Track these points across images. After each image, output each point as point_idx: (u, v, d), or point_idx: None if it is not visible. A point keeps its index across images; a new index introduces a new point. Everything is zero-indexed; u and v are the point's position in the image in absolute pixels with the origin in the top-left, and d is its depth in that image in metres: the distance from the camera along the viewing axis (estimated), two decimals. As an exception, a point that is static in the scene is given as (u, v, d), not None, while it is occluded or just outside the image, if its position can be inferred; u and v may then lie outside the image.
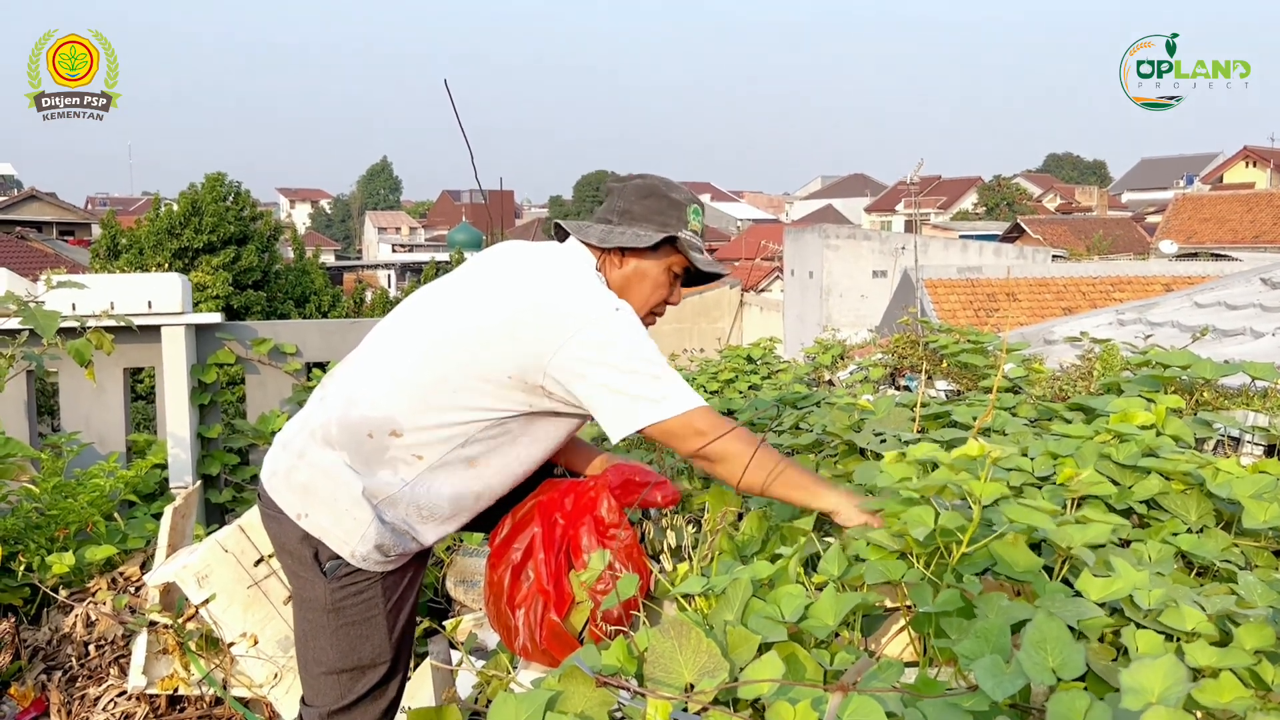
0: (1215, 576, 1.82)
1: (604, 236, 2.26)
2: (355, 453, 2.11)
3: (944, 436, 2.46)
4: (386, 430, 2.10)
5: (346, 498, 2.10)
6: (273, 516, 2.20)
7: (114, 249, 21.39)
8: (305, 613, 2.21)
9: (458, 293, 2.23)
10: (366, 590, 2.17)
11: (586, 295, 2.11)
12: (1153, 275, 16.30)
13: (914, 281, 15.51)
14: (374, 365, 2.21)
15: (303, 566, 2.17)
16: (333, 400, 2.19)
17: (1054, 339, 5.14)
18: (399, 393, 2.11)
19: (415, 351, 2.15)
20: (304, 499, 2.14)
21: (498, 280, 2.20)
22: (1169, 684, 1.18)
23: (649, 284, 2.30)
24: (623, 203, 2.31)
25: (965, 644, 1.38)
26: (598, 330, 2.03)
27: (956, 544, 1.61)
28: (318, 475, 2.12)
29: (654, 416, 1.99)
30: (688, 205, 2.31)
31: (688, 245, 2.28)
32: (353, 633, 2.18)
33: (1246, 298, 5.34)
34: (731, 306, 26.26)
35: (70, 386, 4.67)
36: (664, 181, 2.35)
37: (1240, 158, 51.74)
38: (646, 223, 2.27)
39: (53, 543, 3.57)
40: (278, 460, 2.22)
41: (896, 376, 4.10)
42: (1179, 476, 2.02)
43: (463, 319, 2.14)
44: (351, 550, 2.12)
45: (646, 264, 2.28)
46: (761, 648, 1.48)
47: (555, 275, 2.18)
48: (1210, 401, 2.69)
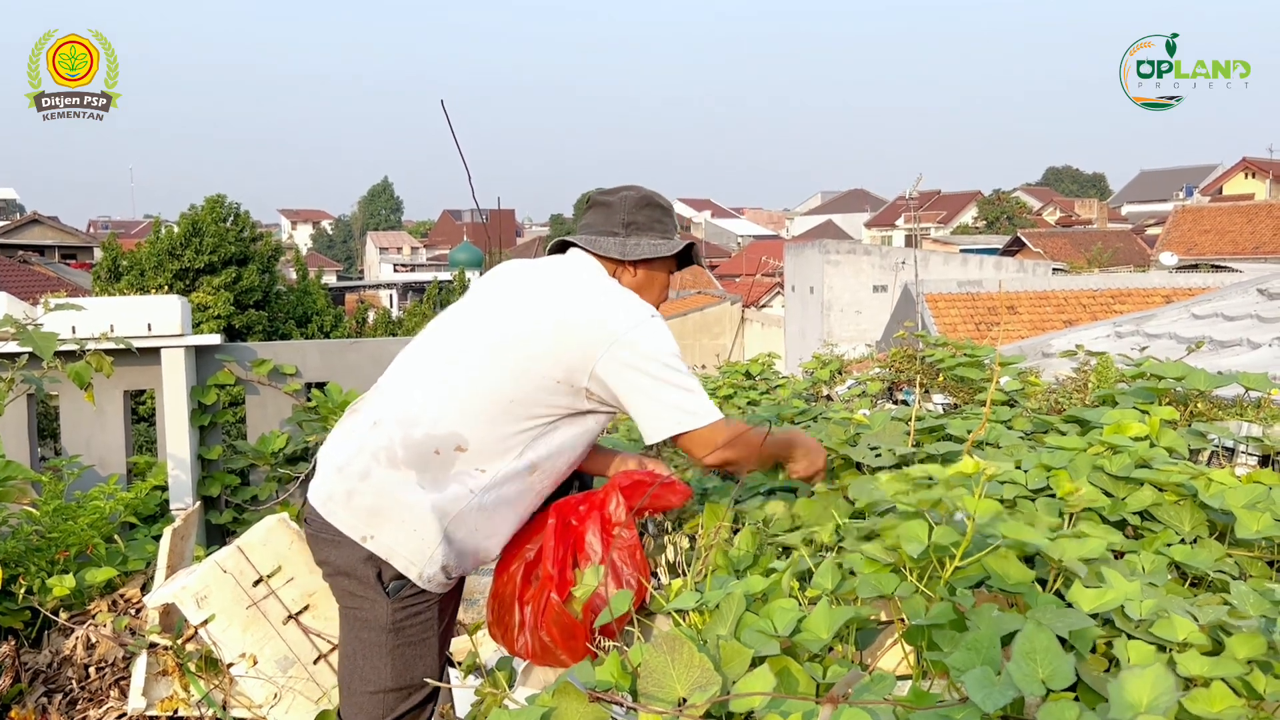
0: (1209, 587, 1.83)
1: (625, 250, 2.39)
2: (423, 471, 2.17)
3: (939, 450, 2.46)
4: (453, 445, 2.18)
5: (415, 518, 2.15)
6: (330, 540, 2.22)
7: (115, 271, 21.43)
8: (360, 632, 2.24)
9: (496, 307, 2.34)
10: (425, 611, 2.23)
11: (625, 302, 2.26)
12: (1153, 287, 16.31)
13: (914, 296, 15.53)
14: (427, 383, 2.27)
15: (364, 587, 2.20)
16: (390, 423, 2.24)
17: (1052, 352, 5.15)
18: (460, 407, 2.20)
19: (469, 365, 2.24)
20: (370, 521, 2.17)
21: (534, 292, 2.33)
22: (1157, 694, 1.19)
23: (657, 288, 2.46)
24: (625, 215, 2.42)
25: (956, 656, 1.38)
26: (638, 336, 2.18)
27: (950, 558, 1.61)
28: (384, 497, 2.17)
29: (686, 425, 2.17)
30: (671, 210, 2.51)
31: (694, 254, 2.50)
32: (409, 653, 2.23)
33: (1244, 309, 5.35)
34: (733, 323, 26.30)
35: (71, 409, 4.68)
36: (651, 192, 2.51)
37: (1239, 169, 51.81)
38: (650, 231, 2.42)
39: (53, 565, 3.57)
40: (333, 484, 2.24)
41: (894, 390, 4.11)
42: (1172, 488, 2.02)
43: (510, 330, 2.25)
44: (420, 572, 2.17)
45: (656, 271, 2.45)
46: (754, 662, 1.48)
47: (589, 284, 2.32)
48: (1205, 413, 2.70)
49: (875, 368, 4.44)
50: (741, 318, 26.54)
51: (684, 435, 2.19)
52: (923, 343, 4.18)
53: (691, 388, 2.20)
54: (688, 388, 2.19)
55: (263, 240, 22.99)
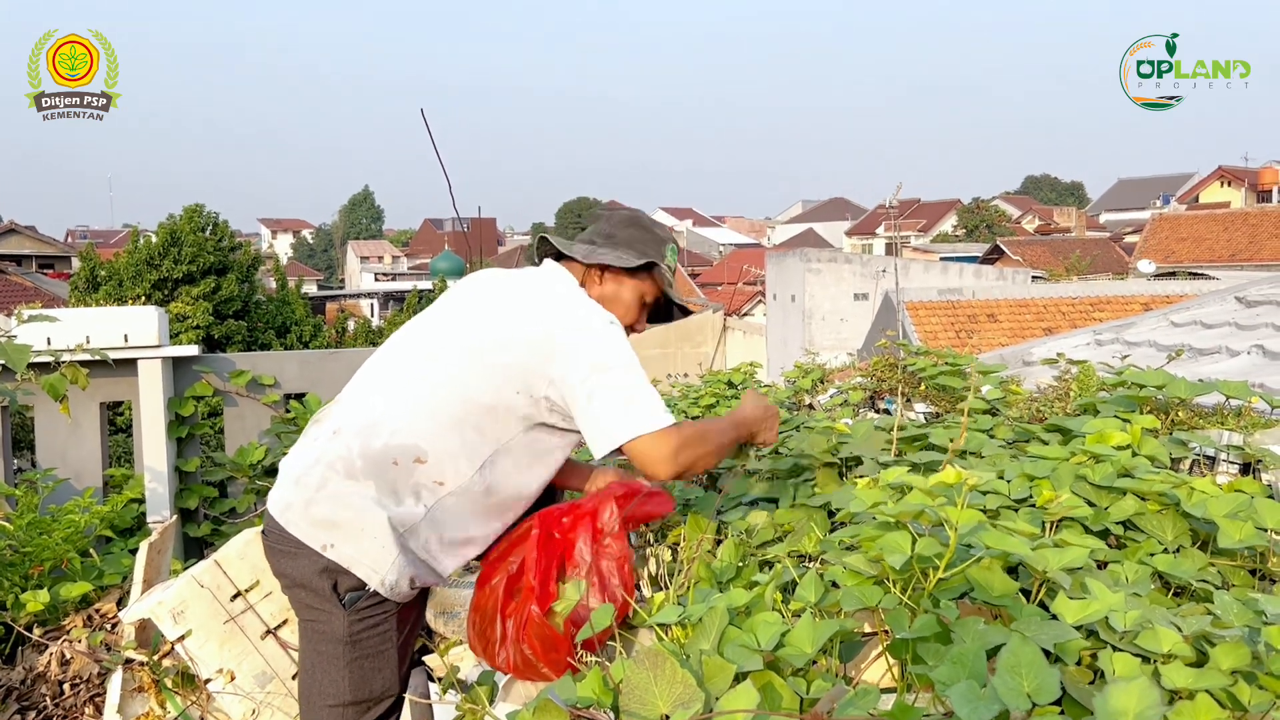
0: (1192, 596, 1.82)
1: (588, 253, 2.40)
2: (381, 481, 2.15)
3: (921, 459, 2.46)
4: (411, 456, 2.16)
5: (375, 527, 2.13)
6: (288, 551, 2.20)
7: (93, 281, 21.30)
8: (318, 645, 2.22)
9: (461, 316, 2.33)
10: (383, 623, 2.20)
11: (584, 307, 2.24)
12: (1132, 295, 16.44)
13: (895, 304, 15.58)
14: (388, 392, 2.26)
15: (320, 599, 2.18)
16: (349, 432, 2.22)
17: (1033, 360, 5.17)
18: (420, 417, 2.18)
19: (430, 374, 2.22)
20: (329, 531, 2.15)
21: (498, 300, 2.33)
22: (1143, 707, 1.18)
23: (621, 306, 2.41)
24: (608, 227, 2.46)
25: (941, 670, 1.37)
26: (591, 340, 2.16)
27: (933, 569, 1.60)
28: (342, 508, 2.14)
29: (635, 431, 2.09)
30: (666, 243, 2.48)
31: (664, 275, 2.45)
32: (366, 665, 2.20)
33: (1222, 316, 5.38)
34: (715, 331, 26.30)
35: (46, 422, 4.62)
36: (647, 216, 2.54)
37: (1215, 177, 52.35)
38: (629, 248, 2.41)
39: (27, 580, 3.52)
40: (291, 494, 2.22)
41: (876, 399, 4.11)
42: (1155, 497, 2.02)
43: (473, 339, 2.24)
44: (382, 579, 2.15)
45: (623, 287, 2.43)
46: (738, 677, 1.47)
47: (553, 291, 2.32)
48: (1185, 421, 2.70)
49: (857, 376, 4.44)
50: (723, 326, 26.53)
51: (635, 444, 2.10)
52: (904, 351, 4.18)
53: (643, 396, 2.13)
54: (639, 396, 2.13)
55: (242, 250, 22.91)
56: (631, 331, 2.43)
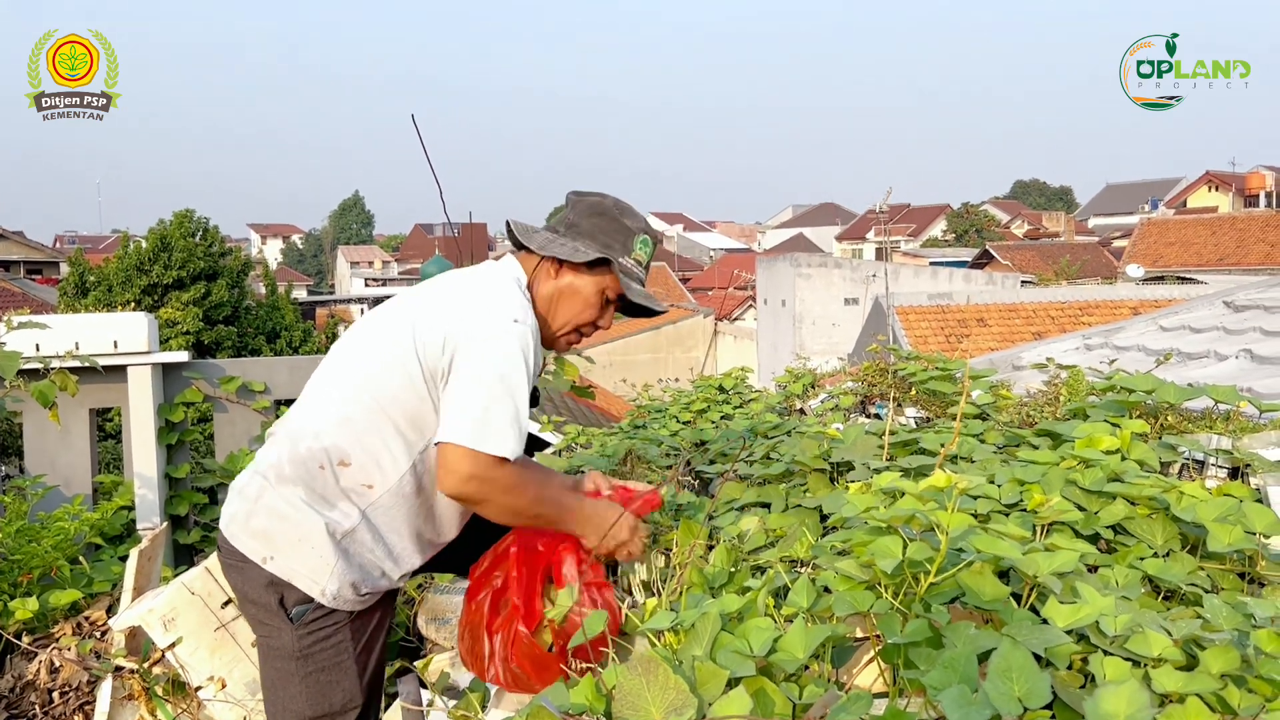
0: (1182, 600, 1.83)
1: (544, 244, 2.27)
2: (310, 487, 2.11)
3: (912, 464, 2.47)
4: (336, 460, 2.10)
5: (311, 535, 2.08)
6: (235, 565, 2.17)
7: (82, 287, 21.21)
8: (273, 661, 2.17)
9: (388, 319, 2.24)
10: (335, 635, 2.14)
11: (493, 310, 2.11)
12: (1120, 299, 16.49)
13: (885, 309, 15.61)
14: (315, 395, 2.22)
15: (268, 614, 2.13)
16: (281, 438, 2.19)
17: (1022, 364, 5.18)
18: (341, 418, 2.13)
19: (353, 378, 2.17)
20: (267, 543, 2.11)
21: (421, 298, 2.24)
22: (1133, 710, 1.19)
23: (579, 301, 2.29)
24: (573, 215, 2.32)
25: (933, 674, 1.37)
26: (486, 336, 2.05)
27: (924, 574, 1.61)
28: (276, 517, 2.10)
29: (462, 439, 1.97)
30: (636, 234, 2.31)
31: (623, 271, 2.27)
32: (323, 679, 2.14)
33: (1210, 321, 5.41)
34: (706, 336, 26.35)
35: (35, 428, 4.61)
36: (620, 205, 2.35)
37: (1203, 182, 52.63)
38: (590, 240, 2.27)
39: (16, 588, 3.50)
40: (234, 506, 2.19)
41: (867, 404, 4.12)
42: (1144, 501, 2.03)
43: (390, 342, 2.15)
44: (322, 589, 2.09)
45: (581, 281, 2.28)
46: (730, 683, 1.47)
47: (473, 285, 2.21)
48: (1174, 425, 2.72)
49: (848, 381, 4.45)
50: (714, 331, 26.59)
51: (445, 447, 1.99)
52: (895, 356, 4.19)
53: (496, 414, 1.99)
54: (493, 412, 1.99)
55: (232, 255, 22.83)
56: (595, 328, 2.35)
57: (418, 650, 3.38)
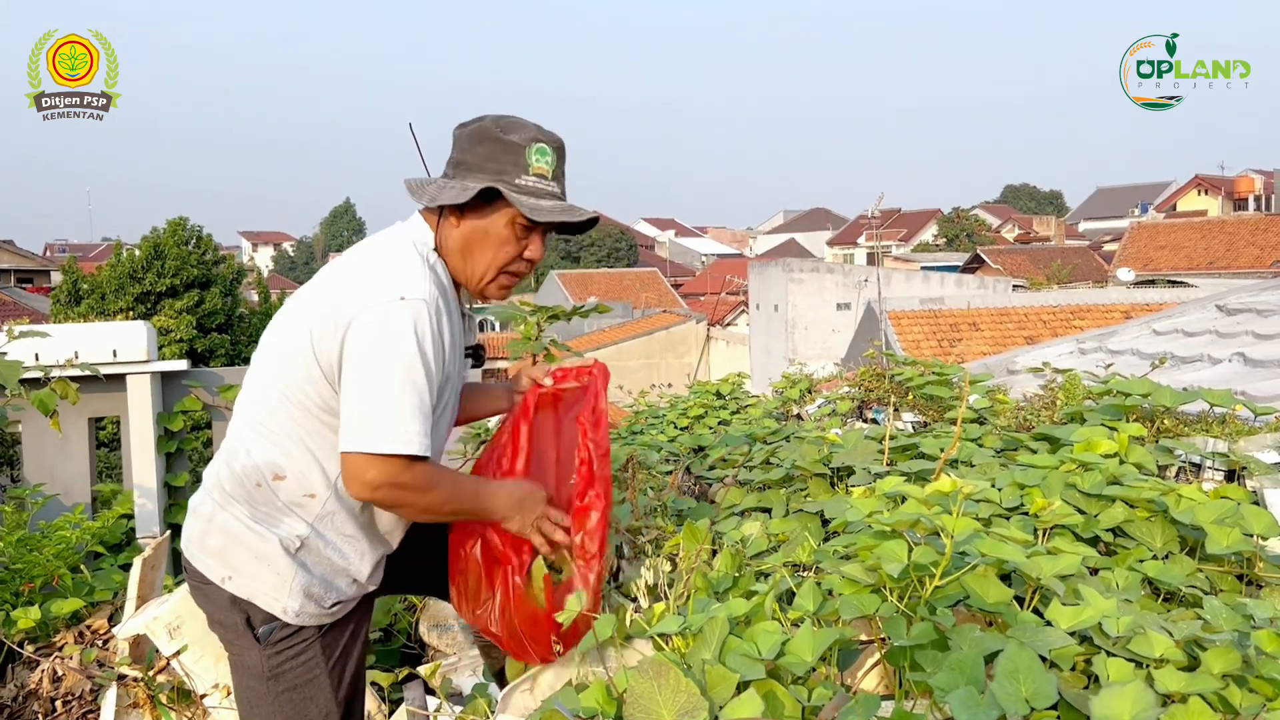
0: (1181, 602, 1.86)
1: (435, 195, 2.03)
2: (253, 505, 2.01)
3: (912, 468, 2.49)
4: (270, 475, 2.00)
5: (266, 553, 2.00)
6: (197, 586, 2.10)
7: (75, 295, 21.18)
8: (244, 680, 2.09)
9: (289, 314, 2.08)
10: (305, 652, 2.05)
11: (375, 280, 1.95)
12: (1112, 303, 16.54)
13: (877, 313, 15.65)
14: (242, 410, 2.10)
15: (235, 634, 2.06)
16: (219, 456, 2.10)
17: (1017, 369, 5.22)
18: (265, 429, 2.01)
19: (266, 385, 2.03)
20: (224, 562, 2.03)
21: (316, 284, 2.08)
22: (1137, 710, 1.21)
23: (492, 241, 2.04)
24: (458, 152, 2.07)
25: (940, 676, 1.40)
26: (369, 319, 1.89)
27: (929, 577, 1.63)
28: (228, 537, 2.02)
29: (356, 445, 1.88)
30: (527, 146, 2.02)
31: (521, 192, 2.00)
32: (295, 697, 2.06)
33: (1203, 324, 5.45)
34: (698, 341, 26.37)
35: (34, 438, 4.61)
36: (502, 122, 2.06)
37: (1192, 186, 52.88)
38: (479, 172, 2.01)
39: (18, 597, 3.51)
40: (191, 526, 2.11)
41: (864, 409, 4.14)
42: (1143, 504, 2.06)
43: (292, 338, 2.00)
44: (284, 606, 2.01)
45: (484, 220, 2.03)
46: (740, 686, 1.49)
47: (358, 263, 2.04)
48: (1171, 429, 2.75)
49: (844, 387, 4.47)
50: (707, 336, 26.62)
51: (350, 457, 1.89)
52: (891, 362, 4.22)
53: (392, 410, 1.86)
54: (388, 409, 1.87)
55: (225, 263, 22.82)
56: (527, 263, 2.10)
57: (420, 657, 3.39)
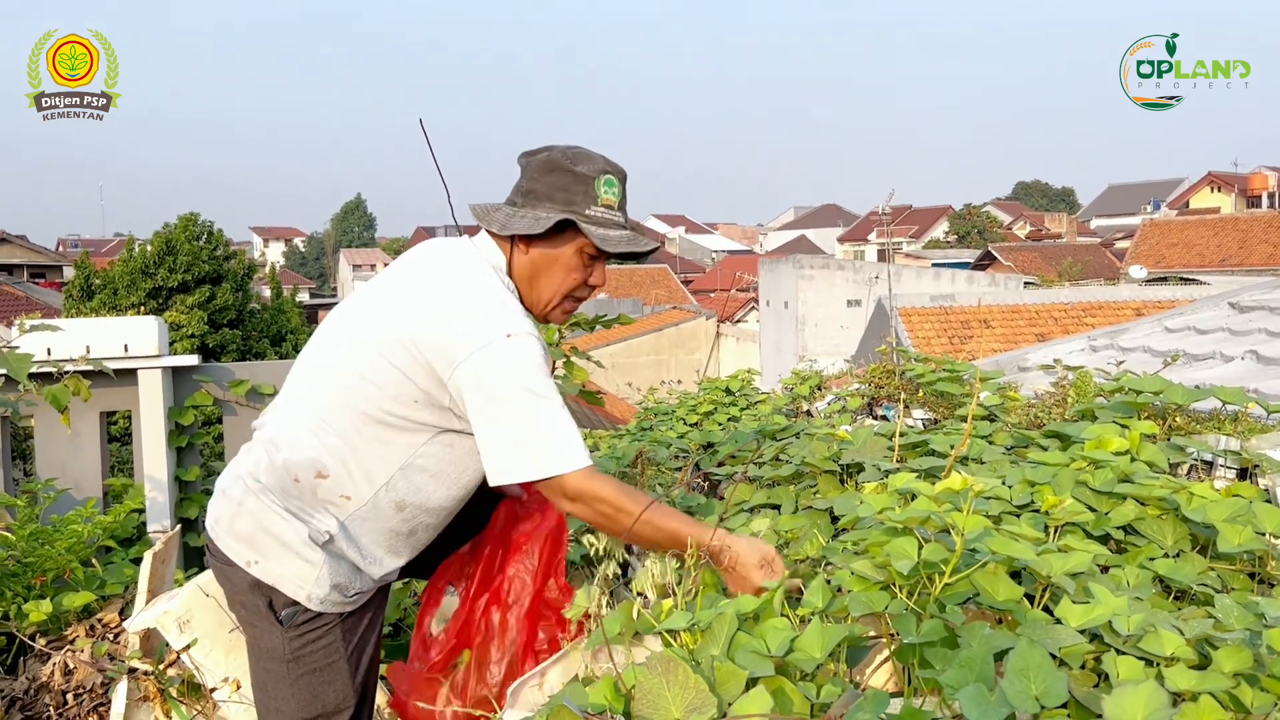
0: (1192, 600, 1.85)
1: (504, 223, 2.08)
2: (287, 498, 2.05)
3: (922, 465, 2.48)
4: (312, 472, 2.04)
5: (293, 542, 2.04)
6: (221, 567, 2.13)
7: (88, 290, 21.28)
8: (262, 663, 2.14)
9: (363, 308, 2.14)
10: (325, 636, 2.10)
11: (481, 315, 1.99)
12: (1123, 300, 16.49)
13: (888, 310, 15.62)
14: (289, 399, 2.14)
15: (256, 616, 2.10)
16: (258, 444, 2.14)
17: (1028, 366, 5.20)
18: (317, 428, 2.05)
19: (325, 378, 2.08)
20: (251, 547, 2.07)
21: (400, 290, 2.11)
22: (1150, 710, 1.20)
23: (560, 269, 2.12)
24: (526, 181, 2.12)
25: (950, 674, 1.39)
26: (489, 359, 1.94)
27: (939, 575, 1.62)
28: (257, 524, 2.06)
29: (533, 474, 1.94)
30: (596, 178, 2.09)
31: (592, 222, 2.08)
32: (314, 680, 2.11)
33: (1215, 322, 5.42)
34: (708, 338, 26.36)
35: (45, 432, 4.63)
36: (570, 153, 2.12)
37: (1205, 183, 52.65)
38: (549, 202, 2.07)
39: (29, 590, 3.52)
40: (219, 508, 2.14)
41: (874, 406, 4.14)
42: (1154, 502, 2.05)
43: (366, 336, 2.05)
44: (308, 593, 2.05)
45: (554, 249, 2.11)
46: (748, 682, 1.49)
47: (452, 287, 2.05)
48: (1183, 426, 2.73)
49: (854, 383, 4.46)
50: (717, 333, 26.61)
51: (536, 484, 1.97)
52: (903, 358, 4.21)
53: (544, 425, 1.93)
54: (537, 424, 1.93)
55: (236, 258, 22.89)
56: (589, 289, 2.20)
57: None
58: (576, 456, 1.94)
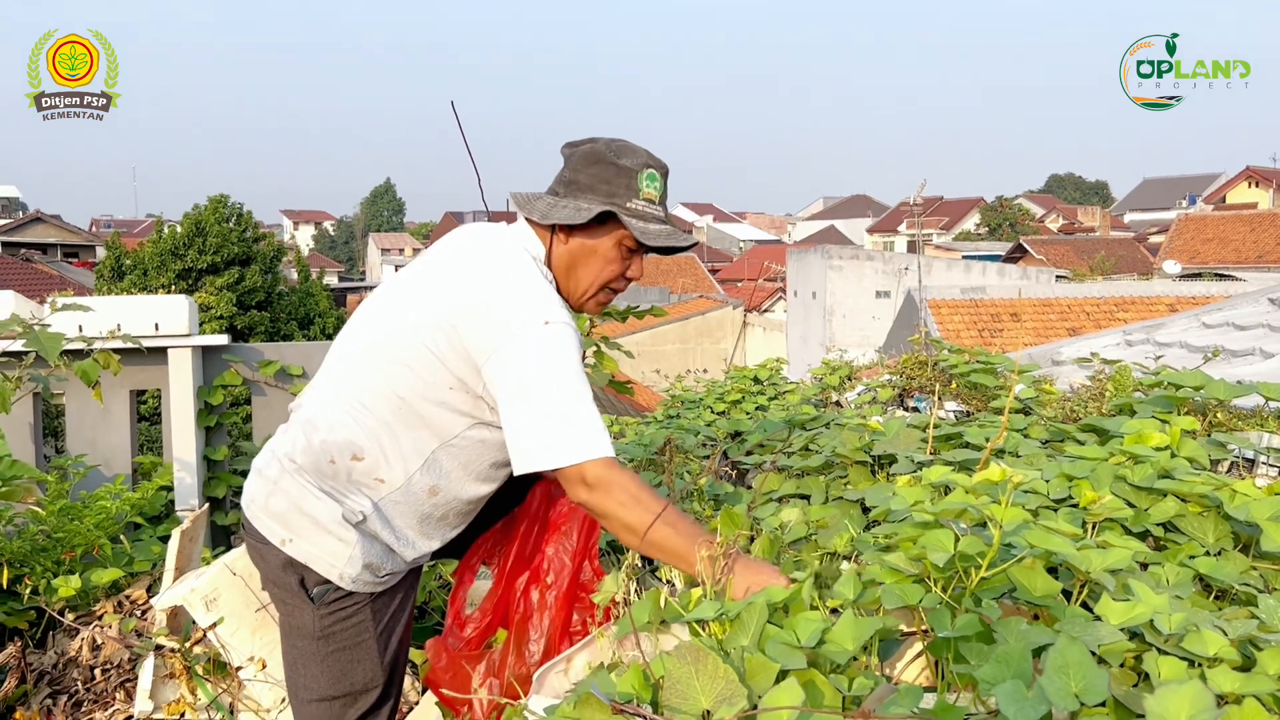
0: (1234, 600, 1.81)
1: (546, 212, 2.10)
2: (321, 478, 2.07)
3: (956, 458, 2.45)
4: (348, 454, 2.06)
5: (327, 522, 2.06)
6: (256, 545, 2.16)
7: (119, 270, 21.46)
8: (293, 640, 2.17)
9: (402, 291, 2.15)
10: (356, 614, 2.13)
11: (519, 301, 1.99)
12: (1157, 295, 16.32)
13: (918, 302, 15.52)
14: (327, 380, 2.16)
15: (288, 594, 2.13)
16: (295, 424, 2.16)
17: (1062, 360, 5.13)
18: (354, 410, 2.07)
19: (364, 361, 2.10)
20: (285, 525, 2.09)
21: (439, 274, 2.12)
22: (1196, 710, 1.17)
23: (598, 260, 2.15)
24: (569, 171, 2.13)
25: (986, 669, 1.36)
26: (524, 345, 1.94)
27: (975, 568, 1.59)
28: (291, 503, 2.08)
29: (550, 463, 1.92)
30: (639, 172, 2.11)
31: (633, 216, 2.09)
32: (344, 658, 2.14)
33: (1255, 318, 5.33)
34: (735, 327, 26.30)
35: (76, 409, 4.66)
36: (615, 146, 2.14)
37: (1243, 178, 51.88)
38: (591, 193, 2.09)
39: (59, 565, 3.55)
40: (255, 486, 2.17)
41: (905, 397, 4.09)
42: (1195, 499, 2.01)
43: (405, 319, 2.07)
44: (340, 573, 2.08)
45: (593, 240, 2.13)
46: (779, 674, 1.46)
47: (491, 273, 2.05)
48: (1224, 423, 2.68)
49: (885, 374, 4.42)
50: (743, 322, 26.53)
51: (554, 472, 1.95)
52: (936, 348, 4.16)
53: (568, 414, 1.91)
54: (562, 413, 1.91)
55: (265, 241, 23.01)
56: (626, 281, 2.21)
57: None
58: (600, 446, 1.92)
